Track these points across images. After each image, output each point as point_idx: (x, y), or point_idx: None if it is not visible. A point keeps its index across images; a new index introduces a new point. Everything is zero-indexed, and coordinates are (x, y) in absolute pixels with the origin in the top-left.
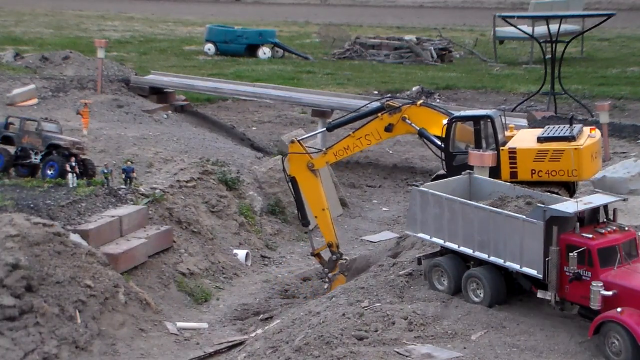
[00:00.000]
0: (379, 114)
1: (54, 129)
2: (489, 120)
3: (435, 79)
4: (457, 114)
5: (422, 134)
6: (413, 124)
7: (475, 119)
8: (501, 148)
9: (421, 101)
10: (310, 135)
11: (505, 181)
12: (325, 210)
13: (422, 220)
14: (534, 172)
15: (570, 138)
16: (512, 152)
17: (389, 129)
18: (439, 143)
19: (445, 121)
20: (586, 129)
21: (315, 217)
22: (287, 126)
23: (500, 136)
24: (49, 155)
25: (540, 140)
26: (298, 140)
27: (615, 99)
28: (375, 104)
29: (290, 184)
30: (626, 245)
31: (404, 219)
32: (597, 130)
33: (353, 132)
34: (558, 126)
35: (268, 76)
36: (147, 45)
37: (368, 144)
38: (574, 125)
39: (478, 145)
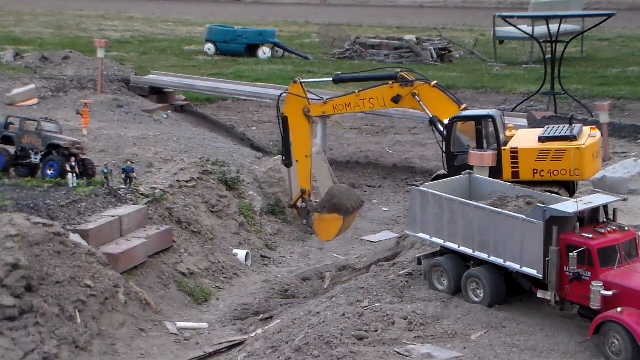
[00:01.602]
0: (390, 82)
1: (54, 129)
2: (490, 120)
3: (435, 79)
4: (458, 113)
5: (433, 123)
6: (422, 104)
7: (477, 119)
8: (503, 148)
9: (435, 82)
10: (314, 81)
11: (506, 181)
12: (308, 157)
13: (422, 220)
14: (535, 171)
15: (572, 138)
16: (514, 152)
17: (396, 99)
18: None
19: (446, 121)
20: (586, 129)
21: (297, 161)
22: None
23: (501, 136)
24: (49, 155)
25: (541, 140)
26: (300, 82)
27: (615, 99)
28: (389, 72)
29: (281, 122)
30: (626, 245)
31: (404, 219)
32: (597, 130)
33: (359, 91)
34: (558, 126)
35: (268, 76)
36: (147, 45)
37: (370, 107)
38: (574, 125)
39: (480, 145)
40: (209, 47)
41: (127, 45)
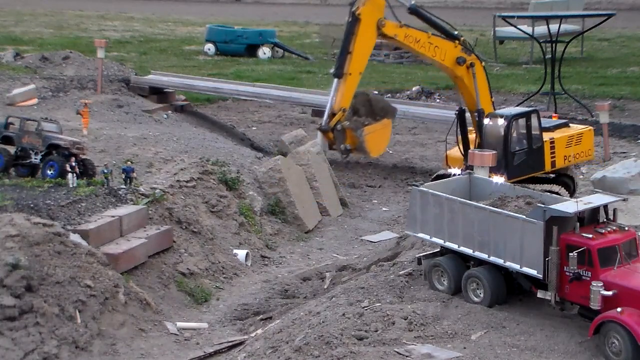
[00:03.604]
0: (455, 41)
1: (54, 129)
2: (536, 114)
3: (435, 79)
4: (506, 112)
5: (480, 114)
6: (475, 81)
7: (527, 115)
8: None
9: (485, 63)
10: None
11: (545, 173)
12: (360, 75)
13: (422, 220)
14: (565, 157)
15: (568, 123)
16: (552, 142)
17: (459, 61)
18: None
19: (503, 120)
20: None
21: (349, 74)
22: (287, 126)
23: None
24: (49, 155)
25: (549, 129)
26: None
27: (615, 99)
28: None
29: (350, 22)
30: (626, 245)
31: (404, 219)
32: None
33: (432, 34)
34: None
35: (268, 76)
36: (147, 45)
37: (432, 55)
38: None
39: (529, 141)
40: (209, 47)
41: (127, 45)
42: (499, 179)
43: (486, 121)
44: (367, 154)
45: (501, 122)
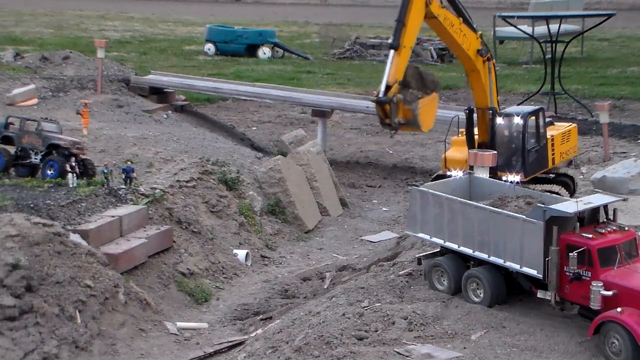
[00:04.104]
0: (477, 33)
1: (54, 129)
2: (542, 112)
3: (436, 79)
4: (518, 110)
5: (494, 114)
6: (490, 79)
7: (536, 113)
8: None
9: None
10: None
11: (549, 170)
12: (411, 48)
13: (422, 220)
14: (561, 154)
15: (553, 121)
16: (552, 140)
17: (481, 52)
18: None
19: (520, 118)
20: None
21: (404, 46)
22: (287, 126)
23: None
24: (49, 155)
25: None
26: None
27: (615, 99)
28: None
29: None
30: (626, 245)
31: (404, 219)
32: None
33: (463, 19)
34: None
35: (268, 76)
36: (147, 45)
37: (459, 43)
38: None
39: (538, 139)
40: (209, 47)
41: (127, 45)
42: (514, 178)
43: (499, 120)
44: (419, 129)
45: (517, 120)
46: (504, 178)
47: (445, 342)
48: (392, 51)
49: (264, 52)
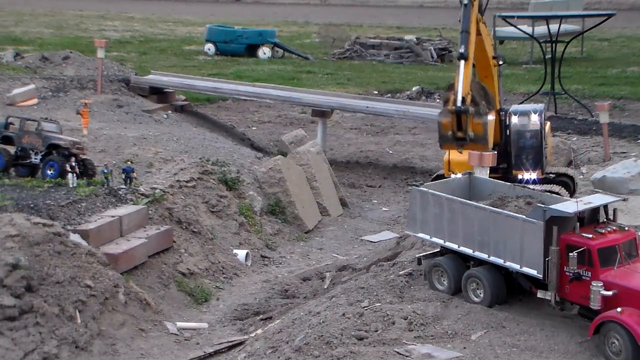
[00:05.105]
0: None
1: (54, 129)
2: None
3: (435, 79)
4: (529, 108)
5: (507, 114)
6: (500, 82)
7: (541, 112)
8: None
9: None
10: None
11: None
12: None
13: (422, 220)
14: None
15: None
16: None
17: (496, 58)
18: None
19: (537, 116)
20: None
21: (469, 57)
22: (287, 126)
23: None
24: (49, 155)
25: None
26: None
27: (615, 99)
28: None
29: (465, 5)
30: (626, 245)
31: (404, 219)
32: None
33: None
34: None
35: (268, 76)
36: (147, 45)
37: (484, 44)
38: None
39: (544, 137)
40: (209, 47)
41: (127, 45)
42: (532, 176)
43: (514, 119)
44: (486, 145)
45: (535, 118)
46: (519, 177)
47: (445, 342)
48: (462, 62)
49: (264, 52)
